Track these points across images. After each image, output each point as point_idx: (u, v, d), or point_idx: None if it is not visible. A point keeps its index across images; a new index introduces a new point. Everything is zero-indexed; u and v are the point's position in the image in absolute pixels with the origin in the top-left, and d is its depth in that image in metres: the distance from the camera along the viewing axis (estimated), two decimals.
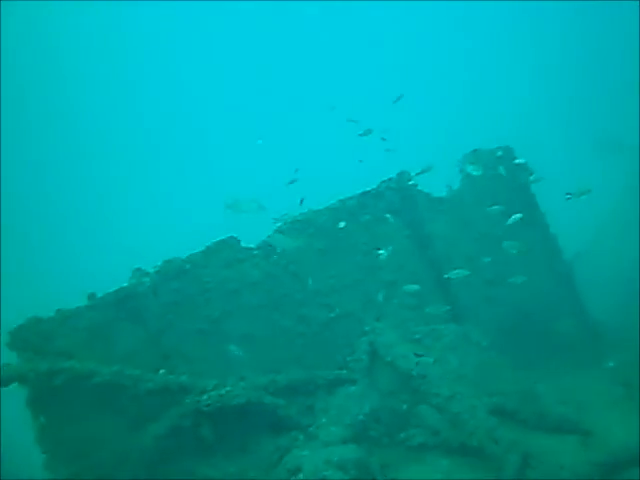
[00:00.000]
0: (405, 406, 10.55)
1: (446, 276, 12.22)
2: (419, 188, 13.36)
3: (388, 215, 12.72)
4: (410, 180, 13.18)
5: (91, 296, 10.87)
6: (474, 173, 12.57)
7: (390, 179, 13.12)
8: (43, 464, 10.02)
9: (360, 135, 15.27)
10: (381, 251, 12.02)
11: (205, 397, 9.94)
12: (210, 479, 9.93)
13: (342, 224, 12.04)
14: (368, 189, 13.03)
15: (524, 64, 49.13)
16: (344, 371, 11.19)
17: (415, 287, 11.88)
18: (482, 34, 52.71)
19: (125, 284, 11.05)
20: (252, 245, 11.93)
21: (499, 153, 14.20)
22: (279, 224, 11.87)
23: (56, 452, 10.00)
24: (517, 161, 14.29)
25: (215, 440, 9.98)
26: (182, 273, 11.23)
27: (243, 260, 11.66)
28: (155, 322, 10.82)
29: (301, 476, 8.81)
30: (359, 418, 10.25)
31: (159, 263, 11.24)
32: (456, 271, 11.96)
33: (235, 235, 11.80)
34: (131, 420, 10.26)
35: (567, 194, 11.86)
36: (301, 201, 14.58)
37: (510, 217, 12.85)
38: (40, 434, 10.03)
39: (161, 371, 10.24)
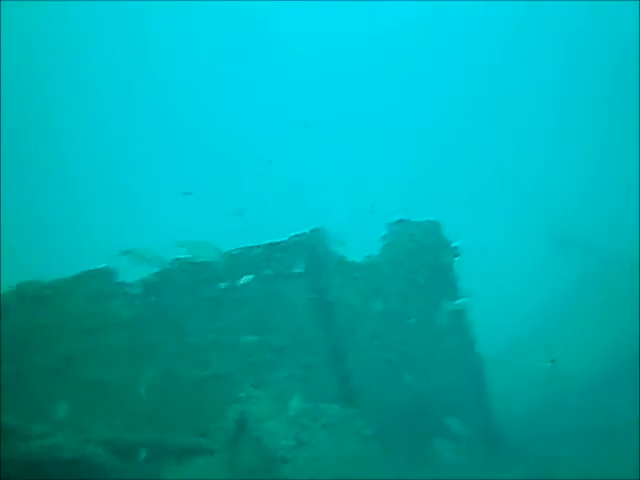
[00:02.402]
0: None
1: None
2: (333, 249, 12.26)
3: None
4: (324, 239, 12.09)
5: None
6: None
7: (302, 234, 11.99)
8: None
9: None
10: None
11: (26, 445, 8.48)
12: None
13: (246, 279, 10.80)
14: (277, 240, 11.88)
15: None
16: (203, 439, 9.81)
17: None
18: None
19: None
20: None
21: (426, 227, 13.27)
22: None
23: None
24: (453, 244, 13.36)
25: None
26: (38, 299, 9.85)
27: (114, 296, 10.33)
28: None
29: None
30: None
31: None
32: None
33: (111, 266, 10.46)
34: None
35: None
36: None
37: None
38: None
39: None
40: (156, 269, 10.58)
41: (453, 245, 13.28)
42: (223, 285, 11.12)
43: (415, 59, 54.49)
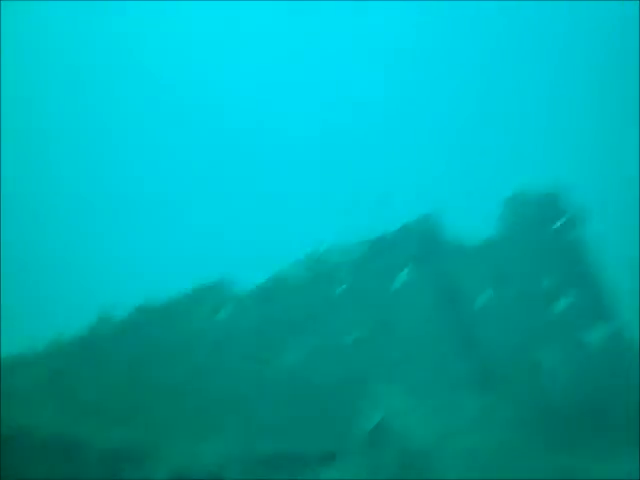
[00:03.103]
0: None
1: None
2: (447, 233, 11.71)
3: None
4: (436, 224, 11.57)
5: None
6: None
7: (413, 221, 11.51)
8: None
9: None
10: None
11: (163, 465, 8.38)
12: None
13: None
14: (388, 230, 11.44)
15: None
16: (341, 443, 9.42)
17: None
18: None
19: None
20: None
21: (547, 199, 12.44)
22: None
23: None
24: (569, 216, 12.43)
25: None
26: (161, 320, 9.79)
27: (232, 307, 10.16)
28: (121, 373, 9.36)
29: None
30: None
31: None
32: None
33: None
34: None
35: None
36: None
37: None
38: None
39: (119, 429, 8.75)
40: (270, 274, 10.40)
41: (568, 218, 12.37)
42: (340, 284, 10.78)
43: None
